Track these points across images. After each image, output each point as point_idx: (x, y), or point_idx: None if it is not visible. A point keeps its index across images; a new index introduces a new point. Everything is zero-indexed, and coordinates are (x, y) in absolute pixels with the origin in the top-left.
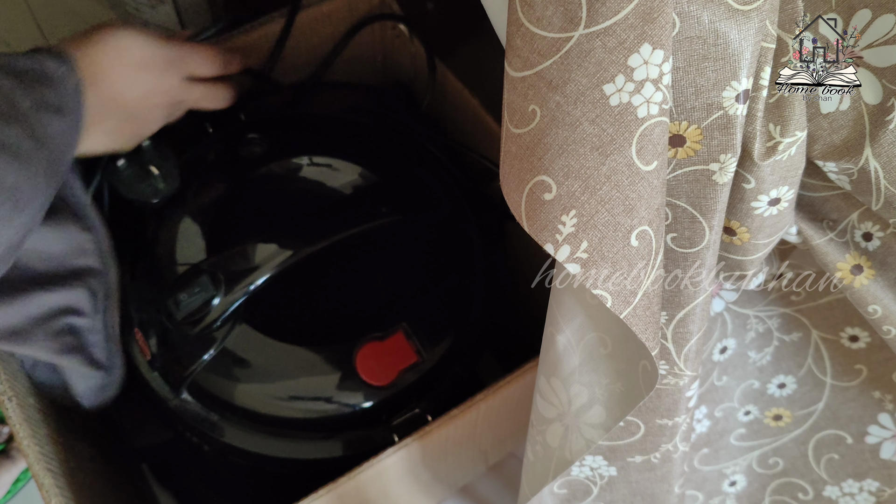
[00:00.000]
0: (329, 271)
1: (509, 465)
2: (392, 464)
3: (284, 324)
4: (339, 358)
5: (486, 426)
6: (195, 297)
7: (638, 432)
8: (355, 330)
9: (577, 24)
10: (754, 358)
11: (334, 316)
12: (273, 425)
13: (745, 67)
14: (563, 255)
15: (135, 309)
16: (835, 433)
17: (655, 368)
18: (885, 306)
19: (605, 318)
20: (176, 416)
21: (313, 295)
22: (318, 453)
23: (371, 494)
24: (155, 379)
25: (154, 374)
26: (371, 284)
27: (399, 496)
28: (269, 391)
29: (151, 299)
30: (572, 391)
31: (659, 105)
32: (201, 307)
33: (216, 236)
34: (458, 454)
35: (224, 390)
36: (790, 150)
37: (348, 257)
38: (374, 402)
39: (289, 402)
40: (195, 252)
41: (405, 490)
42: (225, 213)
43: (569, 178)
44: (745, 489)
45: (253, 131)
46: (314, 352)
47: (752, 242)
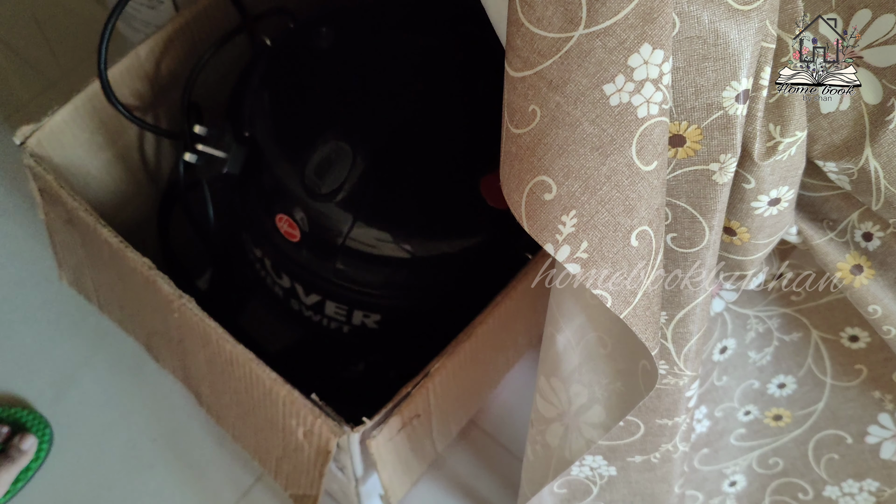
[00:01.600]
0: (438, 125)
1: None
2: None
3: (409, 171)
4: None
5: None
6: (332, 169)
7: (638, 432)
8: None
9: (577, 24)
10: (754, 358)
11: (455, 156)
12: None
13: (745, 67)
14: (563, 256)
15: (273, 195)
16: (835, 433)
17: (655, 368)
18: (885, 306)
19: (605, 318)
20: (333, 286)
21: (431, 141)
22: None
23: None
24: (306, 258)
25: (304, 253)
26: (484, 125)
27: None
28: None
29: (288, 181)
30: (572, 391)
31: (659, 105)
32: (338, 174)
33: (322, 115)
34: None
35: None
36: (790, 150)
37: (452, 109)
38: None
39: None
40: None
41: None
42: (327, 93)
43: (569, 178)
44: (745, 489)
45: (315, 27)
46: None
47: (752, 242)
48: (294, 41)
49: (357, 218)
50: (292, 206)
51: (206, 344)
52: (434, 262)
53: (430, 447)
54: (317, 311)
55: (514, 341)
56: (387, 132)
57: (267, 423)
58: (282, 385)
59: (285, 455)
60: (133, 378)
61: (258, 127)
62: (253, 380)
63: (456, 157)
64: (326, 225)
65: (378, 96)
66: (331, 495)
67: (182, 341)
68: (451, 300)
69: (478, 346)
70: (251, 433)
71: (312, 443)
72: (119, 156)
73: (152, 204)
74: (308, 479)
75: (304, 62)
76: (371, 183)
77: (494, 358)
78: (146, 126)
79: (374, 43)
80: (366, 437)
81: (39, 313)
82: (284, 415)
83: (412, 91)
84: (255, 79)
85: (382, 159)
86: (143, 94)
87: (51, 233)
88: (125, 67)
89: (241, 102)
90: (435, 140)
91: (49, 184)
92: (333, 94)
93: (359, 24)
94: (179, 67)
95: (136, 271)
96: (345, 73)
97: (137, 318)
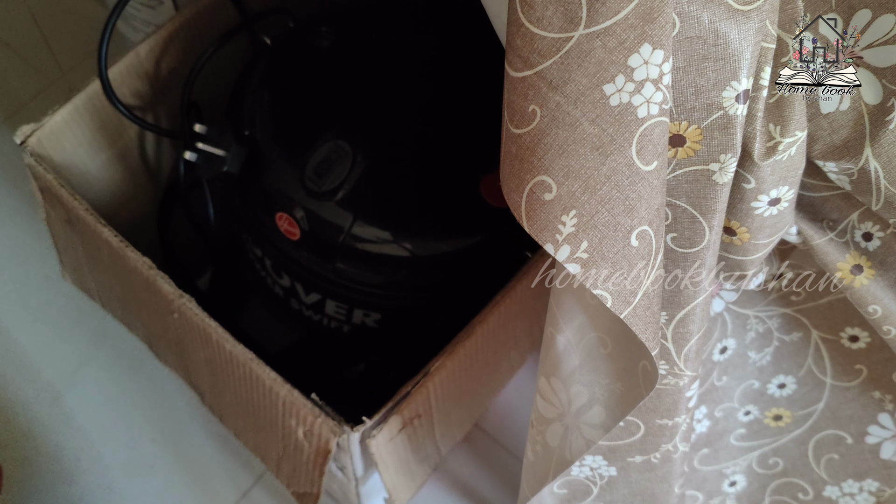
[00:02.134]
0: (438, 121)
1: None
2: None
3: (409, 171)
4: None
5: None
6: (332, 167)
7: (638, 432)
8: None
9: (577, 25)
10: (754, 358)
11: (455, 155)
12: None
13: (745, 67)
14: (563, 255)
15: (273, 194)
16: (835, 433)
17: (655, 368)
18: (885, 306)
19: (605, 318)
20: (332, 285)
21: (432, 140)
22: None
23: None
24: (306, 257)
25: (303, 252)
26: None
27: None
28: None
29: (288, 180)
30: (572, 391)
31: (659, 105)
32: (338, 173)
33: (322, 114)
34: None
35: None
36: (790, 150)
37: (452, 110)
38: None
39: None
40: (312, 130)
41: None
42: (328, 92)
43: (569, 178)
44: (745, 489)
45: (315, 26)
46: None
47: (752, 242)
48: (294, 40)
49: (357, 217)
50: (292, 205)
51: (206, 344)
52: (434, 262)
53: (433, 450)
54: (317, 311)
55: (515, 342)
56: (387, 131)
57: (267, 423)
58: (281, 385)
59: (285, 454)
60: (133, 378)
61: (258, 126)
62: (253, 379)
63: (456, 157)
64: (326, 224)
65: (378, 95)
66: (331, 495)
67: (182, 341)
68: (452, 299)
69: (478, 345)
70: (252, 432)
71: (312, 442)
72: (119, 155)
73: (152, 204)
74: (308, 479)
75: (305, 61)
76: (371, 182)
77: (496, 359)
78: (146, 125)
79: (375, 42)
80: (366, 436)
81: (39, 313)
82: (284, 414)
83: (412, 90)
84: (255, 78)
85: (383, 158)
86: (143, 94)
87: (52, 232)
88: (125, 67)
89: (241, 101)
90: (435, 139)
91: (49, 183)
92: (334, 93)
93: (359, 24)
94: (179, 67)
95: (136, 271)
96: (345, 73)
97: (137, 318)
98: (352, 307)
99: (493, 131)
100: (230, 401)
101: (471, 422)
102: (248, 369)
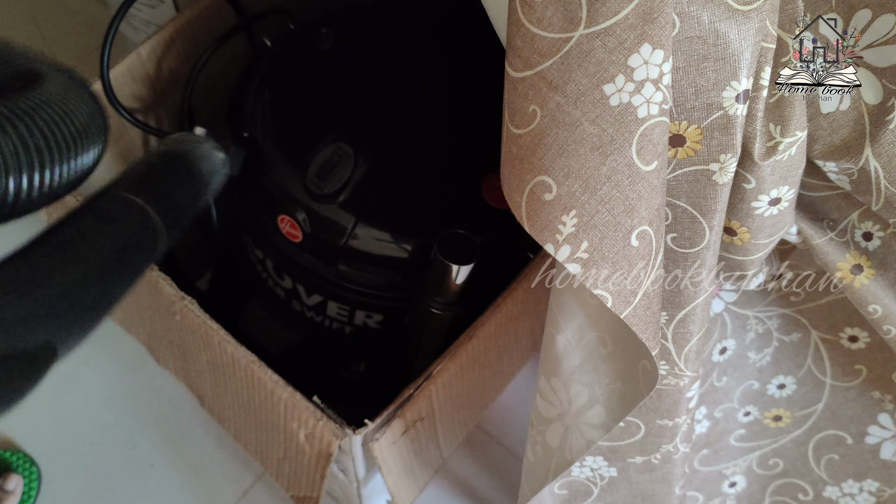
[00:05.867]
0: (438, 126)
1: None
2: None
3: (410, 173)
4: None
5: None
6: (334, 170)
7: (638, 433)
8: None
9: (577, 25)
10: (754, 358)
11: (457, 156)
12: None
13: (745, 67)
14: (563, 255)
15: (275, 196)
16: (835, 433)
17: (655, 368)
18: (885, 306)
19: (606, 318)
20: (335, 287)
21: (433, 142)
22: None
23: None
24: (308, 259)
25: (306, 254)
26: (485, 126)
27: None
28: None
29: (290, 183)
30: (572, 391)
31: (659, 105)
32: (340, 175)
33: (324, 116)
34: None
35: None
36: (790, 150)
37: (452, 112)
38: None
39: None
40: (315, 132)
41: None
42: (329, 95)
43: (569, 178)
44: (745, 490)
45: (316, 28)
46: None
47: (753, 242)
48: (295, 42)
49: (359, 219)
50: (294, 208)
51: (208, 345)
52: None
53: (435, 452)
54: (318, 312)
55: (517, 343)
56: (388, 133)
57: (268, 425)
58: (283, 387)
59: (286, 457)
60: (133, 378)
61: (260, 128)
62: (254, 382)
63: (457, 158)
64: (328, 226)
65: (379, 97)
66: (332, 496)
67: (183, 343)
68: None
69: (480, 347)
70: (252, 435)
71: (314, 445)
72: (120, 156)
73: None
74: (309, 482)
75: (305, 63)
76: (373, 184)
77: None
78: (146, 128)
79: (375, 44)
80: (368, 439)
81: None
82: (286, 417)
83: (413, 92)
84: (256, 80)
85: (384, 160)
86: (143, 95)
87: None
88: (126, 67)
89: (242, 103)
90: (436, 141)
91: None
92: (335, 95)
93: (359, 26)
94: (180, 67)
95: None
96: (346, 75)
97: (138, 320)
98: (354, 309)
99: (494, 133)
100: (231, 403)
101: (473, 423)
102: (250, 372)
